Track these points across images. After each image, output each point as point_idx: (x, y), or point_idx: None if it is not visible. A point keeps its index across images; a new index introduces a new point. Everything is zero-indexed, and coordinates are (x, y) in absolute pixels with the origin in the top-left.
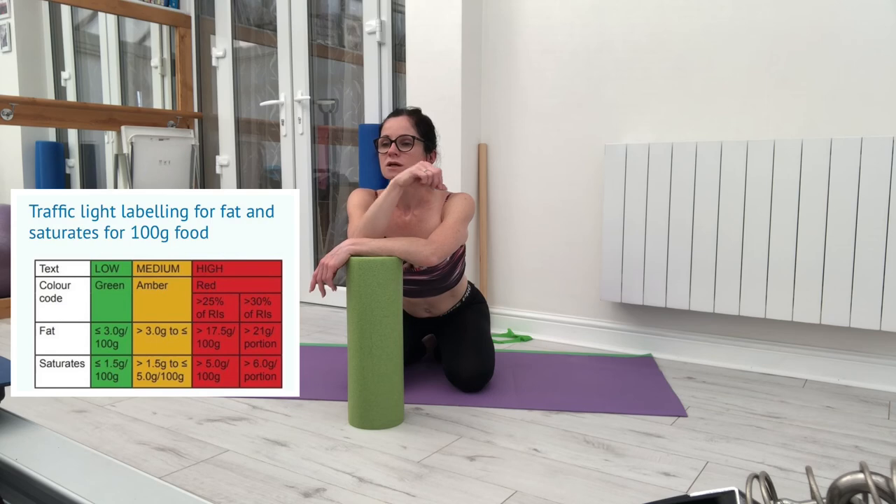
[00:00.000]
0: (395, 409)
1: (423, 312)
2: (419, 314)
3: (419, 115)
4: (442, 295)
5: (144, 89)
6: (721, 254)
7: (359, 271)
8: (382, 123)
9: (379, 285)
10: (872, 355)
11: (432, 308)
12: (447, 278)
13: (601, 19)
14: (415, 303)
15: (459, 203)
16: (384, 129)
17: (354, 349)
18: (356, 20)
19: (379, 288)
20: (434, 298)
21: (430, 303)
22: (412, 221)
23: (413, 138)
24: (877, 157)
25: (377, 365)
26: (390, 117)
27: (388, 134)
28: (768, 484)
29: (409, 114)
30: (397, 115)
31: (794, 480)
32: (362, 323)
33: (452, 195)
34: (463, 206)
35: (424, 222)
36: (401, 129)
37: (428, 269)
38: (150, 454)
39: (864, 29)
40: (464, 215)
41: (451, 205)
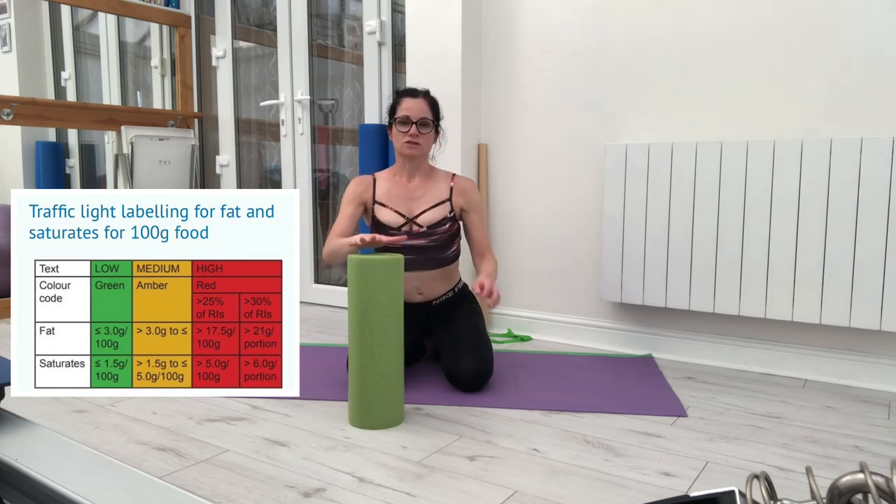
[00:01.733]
0: (395, 408)
1: (416, 295)
2: (412, 297)
3: (433, 98)
4: (435, 272)
5: (144, 89)
6: (721, 254)
7: (360, 271)
8: (397, 101)
9: (380, 285)
10: (872, 355)
11: (424, 289)
12: (444, 249)
13: (601, 19)
14: (408, 279)
15: (477, 195)
16: (402, 109)
17: (355, 348)
18: (356, 20)
19: (380, 287)
20: (427, 276)
21: (422, 281)
22: (416, 187)
23: (430, 121)
24: (877, 157)
25: (377, 364)
26: (406, 96)
27: (408, 114)
28: (768, 484)
29: (424, 95)
30: (415, 97)
31: (794, 480)
32: (363, 322)
33: (461, 178)
34: (480, 200)
35: (429, 190)
36: (421, 111)
37: (427, 231)
38: (150, 454)
39: (864, 29)
40: (483, 209)
41: (471, 196)
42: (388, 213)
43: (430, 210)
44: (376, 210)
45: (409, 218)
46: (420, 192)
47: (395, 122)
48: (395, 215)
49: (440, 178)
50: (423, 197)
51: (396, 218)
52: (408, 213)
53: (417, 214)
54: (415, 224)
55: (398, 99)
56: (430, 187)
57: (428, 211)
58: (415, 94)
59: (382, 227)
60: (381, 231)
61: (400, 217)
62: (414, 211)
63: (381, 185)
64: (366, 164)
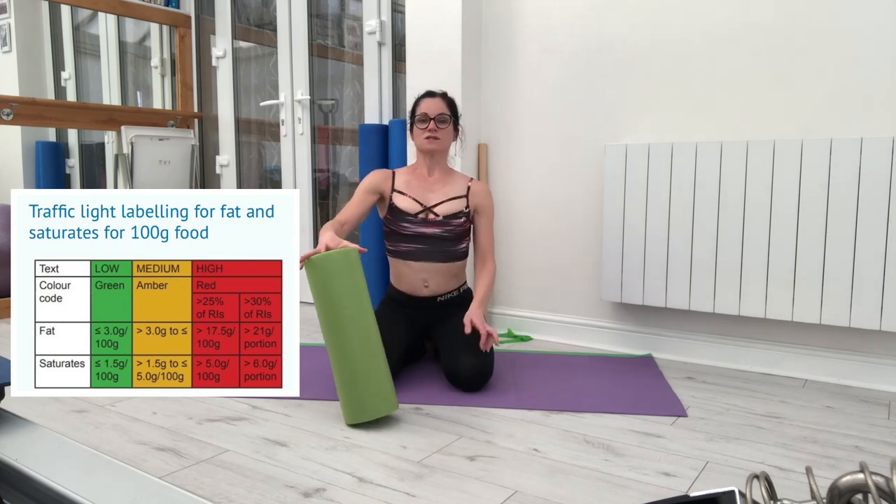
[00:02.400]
0: (383, 396)
1: (423, 288)
2: (419, 291)
3: (450, 98)
4: (443, 266)
5: (144, 89)
6: (721, 254)
7: (312, 270)
8: (417, 103)
9: (335, 278)
10: (872, 355)
11: (431, 282)
12: (456, 242)
13: (601, 19)
14: (417, 272)
15: (491, 201)
16: (421, 108)
17: (330, 347)
18: (356, 20)
19: (336, 280)
20: (435, 268)
21: (430, 273)
22: (435, 180)
23: (448, 116)
24: (877, 157)
25: (354, 357)
26: (425, 98)
27: (426, 112)
28: (768, 484)
29: (441, 96)
30: (432, 97)
31: (794, 480)
32: (329, 320)
33: (478, 182)
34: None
35: (447, 185)
36: (438, 108)
37: (443, 221)
38: (150, 454)
39: (864, 29)
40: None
41: (485, 201)
42: (406, 199)
43: (447, 202)
44: (394, 197)
45: (427, 206)
46: (438, 186)
47: (415, 122)
48: (412, 202)
49: (458, 178)
50: (441, 190)
51: (413, 205)
52: (425, 202)
53: (435, 204)
54: (431, 212)
55: (417, 101)
56: (448, 182)
57: (445, 203)
58: (432, 94)
59: (399, 214)
60: (397, 218)
61: (417, 204)
62: (431, 201)
63: (399, 178)
64: (366, 164)
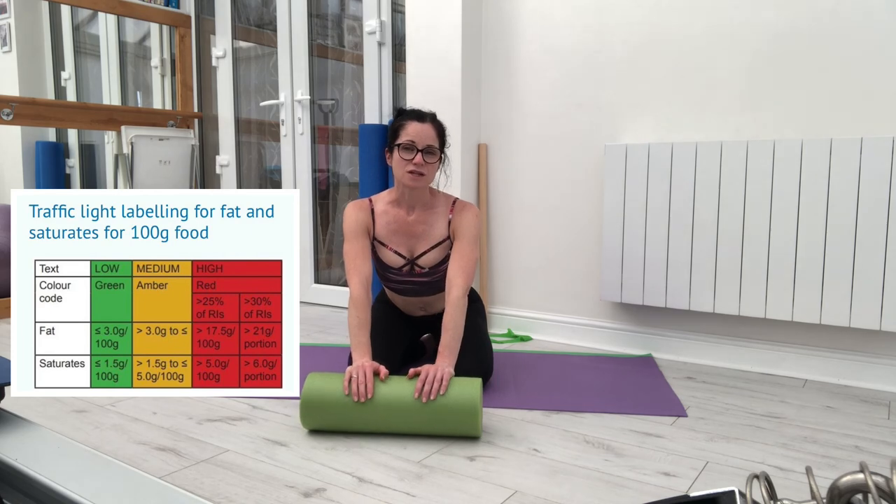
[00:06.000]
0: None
1: (419, 311)
2: (415, 313)
3: (440, 124)
4: (439, 295)
5: (144, 89)
6: (721, 254)
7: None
8: (401, 123)
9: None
10: (872, 355)
11: (427, 307)
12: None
13: (601, 19)
14: (411, 302)
15: (470, 223)
16: (407, 133)
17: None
18: (356, 20)
19: (331, 419)
20: (430, 297)
21: (425, 302)
22: (416, 222)
23: (437, 149)
24: (877, 157)
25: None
26: (413, 120)
27: (413, 140)
28: (768, 484)
29: (431, 121)
30: (422, 121)
31: (794, 480)
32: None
33: (461, 208)
34: (474, 228)
35: (430, 227)
36: (427, 137)
37: (430, 271)
38: (150, 454)
39: (864, 29)
40: (475, 237)
41: (463, 223)
42: (390, 254)
43: (430, 251)
44: (377, 248)
45: (411, 259)
46: (420, 229)
47: (397, 148)
48: (396, 257)
49: (440, 209)
50: (423, 234)
51: (397, 259)
52: (409, 253)
53: (418, 256)
54: (416, 265)
55: (402, 121)
56: (430, 222)
57: (428, 252)
58: (421, 117)
59: (384, 265)
60: (382, 268)
61: (401, 258)
62: (415, 251)
63: (379, 218)
64: (366, 164)
